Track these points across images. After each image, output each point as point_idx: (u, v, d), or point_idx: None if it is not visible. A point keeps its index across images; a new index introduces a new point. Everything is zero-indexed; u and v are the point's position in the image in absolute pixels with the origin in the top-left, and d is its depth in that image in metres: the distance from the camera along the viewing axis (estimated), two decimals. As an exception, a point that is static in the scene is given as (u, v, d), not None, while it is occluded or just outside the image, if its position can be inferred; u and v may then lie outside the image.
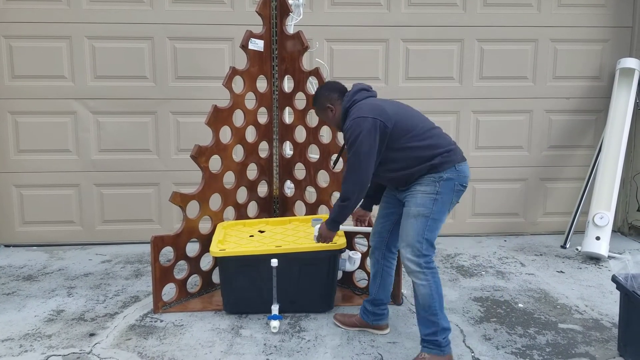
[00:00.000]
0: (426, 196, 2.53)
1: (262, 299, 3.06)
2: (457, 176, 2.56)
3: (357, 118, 2.52)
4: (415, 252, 2.54)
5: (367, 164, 2.50)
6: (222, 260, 3.03)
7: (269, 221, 3.58)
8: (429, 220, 2.52)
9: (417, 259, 2.54)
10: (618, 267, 2.78)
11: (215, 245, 3.07)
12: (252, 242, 3.20)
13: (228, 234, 3.35)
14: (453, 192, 2.58)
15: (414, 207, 2.55)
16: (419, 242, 2.53)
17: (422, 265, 2.54)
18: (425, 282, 2.55)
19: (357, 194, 2.58)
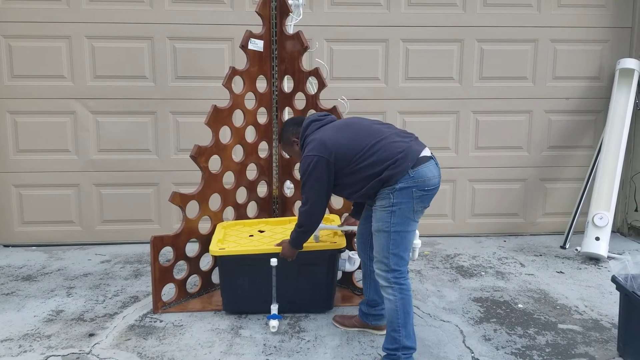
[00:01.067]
0: (383, 210, 2.49)
1: (261, 298, 3.05)
2: (414, 182, 2.45)
3: (305, 156, 2.60)
4: (383, 267, 2.52)
5: (316, 199, 2.61)
6: (222, 260, 3.03)
7: (268, 221, 3.58)
8: (391, 234, 2.48)
9: (385, 274, 2.51)
10: (618, 267, 2.78)
11: (215, 244, 3.08)
12: (252, 241, 3.20)
13: (228, 233, 3.35)
14: (413, 199, 2.47)
15: (374, 222, 2.55)
16: (386, 258, 2.50)
17: (390, 280, 2.51)
18: (392, 297, 2.51)
19: (311, 223, 2.74)
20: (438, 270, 4.05)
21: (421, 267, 4.10)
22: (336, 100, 3.72)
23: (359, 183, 2.54)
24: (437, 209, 4.90)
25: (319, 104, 3.46)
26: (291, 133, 2.88)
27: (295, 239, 2.86)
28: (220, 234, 3.27)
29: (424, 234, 4.84)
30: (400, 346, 2.51)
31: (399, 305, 2.50)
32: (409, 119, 4.80)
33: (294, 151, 2.91)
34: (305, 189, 2.61)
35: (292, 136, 2.87)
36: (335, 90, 4.12)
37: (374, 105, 4.74)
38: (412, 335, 2.53)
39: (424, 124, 4.79)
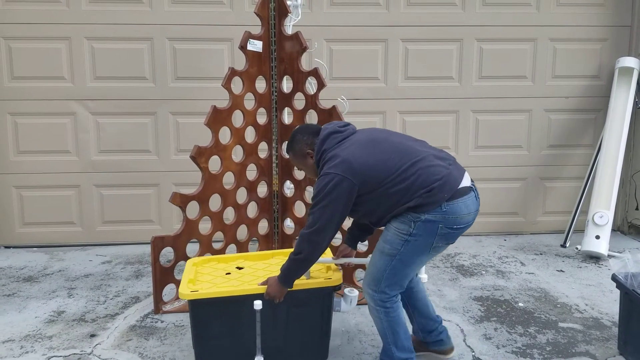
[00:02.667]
0: (397, 234, 2.26)
1: (243, 349, 2.53)
2: (443, 218, 2.20)
3: (325, 173, 2.25)
4: (372, 286, 2.36)
5: (326, 224, 2.24)
6: (194, 304, 2.48)
7: (247, 256, 3.05)
8: (394, 260, 2.28)
9: (373, 294, 2.37)
10: (618, 265, 2.78)
11: (185, 285, 2.53)
12: (230, 280, 2.67)
13: (200, 271, 2.81)
14: (435, 236, 2.24)
15: (382, 241, 2.33)
16: (378, 280, 2.34)
17: (376, 302, 2.37)
18: (378, 319, 2.41)
19: (313, 252, 2.31)
20: (438, 269, 4.05)
21: (421, 267, 4.10)
22: (336, 100, 3.73)
23: (381, 208, 2.27)
24: (437, 209, 4.91)
25: (319, 104, 3.46)
26: (305, 144, 2.46)
27: (287, 270, 2.38)
28: (191, 273, 2.73)
29: (424, 234, 4.86)
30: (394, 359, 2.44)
31: (386, 326, 2.40)
32: (408, 118, 4.80)
33: (307, 165, 2.49)
34: (316, 210, 2.25)
35: (305, 147, 2.45)
36: (334, 90, 4.13)
37: (373, 105, 4.74)
38: (405, 346, 2.44)
39: (424, 124, 4.80)
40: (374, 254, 2.40)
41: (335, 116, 3.38)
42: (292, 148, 2.53)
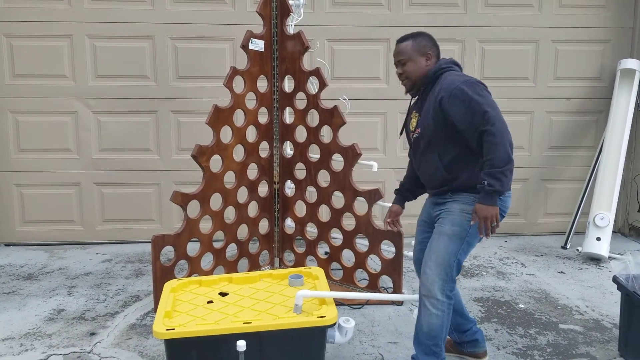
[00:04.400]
0: (463, 215, 2.27)
1: None
2: (501, 205, 2.26)
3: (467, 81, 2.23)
4: (443, 275, 2.29)
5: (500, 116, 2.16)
6: (170, 344, 2.22)
7: (232, 278, 2.74)
8: (464, 243, 2.29)
9: (443, 284, 2.30)
10: (619, 267, 2.78)
11: (161, 320, 2.24)
12: (211, 312, 2.39)
13: (179, 299, 2.52)
14: None
15: (448, 225, 2.31)
16: (450, 266, 2.29)
17: (444, 292, 2.30)
18: (440, 313, 2.31)
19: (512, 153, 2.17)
20: (439, 270, 4.04)
21: (422, 267, 4.10)
22: (337, 100, 3.73)
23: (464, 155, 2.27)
24: (438, 209, 4.91)
25: (320, 104, 3.46)
26: (429, 47, 2.40)
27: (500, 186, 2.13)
28: (168, 302, 2.42)
29: (424, 234, 4.86)
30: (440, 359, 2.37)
31: (445, 321, 2.32)
32: (410, 119, 4.80)
33: (416, 61, 2.38)
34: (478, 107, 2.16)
35: (429, 49, 2.39)
36: (336, 90, 4.13)
37: (375, 105, 4.74)
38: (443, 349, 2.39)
39: (425, 124, 4.79)
40: (439, 241, 2.32)
41: (337, 116, 3.38)
42: (415, 38, 2.40)
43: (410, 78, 2.42)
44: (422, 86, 2.42)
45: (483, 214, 2.17)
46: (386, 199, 3.97)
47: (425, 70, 2.39)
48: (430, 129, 2.33)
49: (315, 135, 3.56)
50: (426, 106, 2.37)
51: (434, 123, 2.31)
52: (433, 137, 2.34)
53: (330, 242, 3.61)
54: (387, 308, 3.29)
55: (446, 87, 2.26)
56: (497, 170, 2.13)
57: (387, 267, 3.39)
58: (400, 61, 2.42)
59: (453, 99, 2.22)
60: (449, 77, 2.31)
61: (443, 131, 2.30)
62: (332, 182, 3.52)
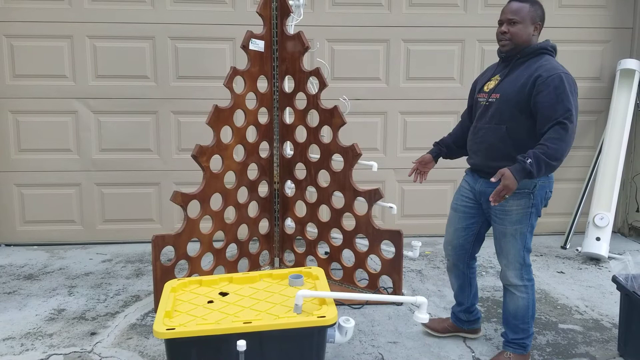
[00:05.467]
0: (522, 212, 2.42)
1: None
2: (549, 183, 2.46)
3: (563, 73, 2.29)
4: (518, 267, 2.50)
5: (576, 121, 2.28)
6: (171, 344, 2.24)
7: (233, 278, 2.75)
8: (528, 234, 2.47)
9: (521, 273, 2.50)
10: (618, 267, 2.79)
11: (161, 320, 2.26)
12: (212, 312, 2.40)
13: (178, 298, 2.54)
14: (544, 200, 2.47)
15: (510, 225, 2.45)
16: (522, 257, 2.49)
17: (524, 278, 2.51)
18: (525, 295, 2.52)
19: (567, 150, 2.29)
20: (439, 270, 4.05)
21: (422, 267, 4.10)
22: (337, 100, 3.73)
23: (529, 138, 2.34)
24: (438, 209, 4.91)
25: (320, 104, 3.47)
26: (541, 19, 2.43)
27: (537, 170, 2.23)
28: (168, 302, 2.44)
29: (424, 234, 4.87)
30: (529, 335, 2.59)
31: (531, 301, 2.53)
32: (409, 119, 4.80)
33: (527, 28, 2.40)
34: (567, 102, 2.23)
35: (540, 20, 2.42)
36: (336, 90, 4.13)
37: (375, 105, 4.75)
38: None
39: (425, 124, 4.80)
40: (505, 242, 2.49)
41: (337, 116, 3.38)
42: (533, 4, 2.42)
43: (513, 40, 2.43)
44: (519, 55, 2.44)
45: (506, 182, 2.22)
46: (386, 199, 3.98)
47: (528, 39, 2.41)
48: (510, 100, 2.37)
49: (315, 136, 3.56)
50: (515, 75, 2.40)
51: (518, 96, 2.35)
52: (510, 109, 2.37)
53: (330, 242, 3.62)
54: (387, 308, 3.29)
55: (547, 69, 2.30)
56: (546, 158, 2.22)
57: (387, 267, 3.40)
58: (511, 20, 2.43)
59: (549, 82, 2.27)
60: (552, 61, 2.36)
61: (522, 106, 2.34)
62: (332, 182, 3.53)
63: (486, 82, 2.55)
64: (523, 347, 2.59)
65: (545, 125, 2.27)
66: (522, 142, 2.36)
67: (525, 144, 2.35)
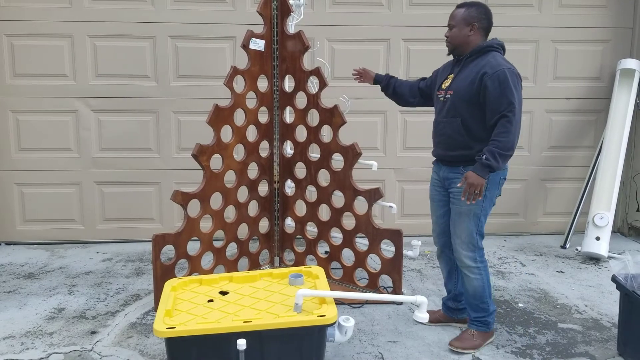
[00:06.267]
0: None
1: None
2: (502, 170, 2.63)
3: (507, 69, 2.51)
4: (471, 247, 2.70)
5: (519, 111, 2.50)
6: (171, 342, 2.24)
7: (233, 277, 2.76)
8: (481, 217, 2.66)
9: (473, 254, 2.70)
10: (618, 267, 2.79)
11: (161, 319, 2.26)
12: (212, 311, 2.40)
13: (179, 297, 2.54)
14: (498, 186, 2.67)
15: (465, 205, 2.63)
16: (474, 239, 2.68)
17: (476, 260, 2.71)
18: (479, 276, 2.73)
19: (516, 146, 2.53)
20: (439, 269, 4.03)
21: (422, 266, 4.11)
22: (337, 99, 3.73)
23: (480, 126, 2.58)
24: (437, 209, 4.92)
25: (320, 103, 3.47)
26: (477, 19, 2.65)
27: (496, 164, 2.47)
28: (168, 301, 2.44)
29: (424, 234, 4.87)
30: (488, 312, 2.78)
31: (485, 280, 2.74)
32: (409, 118, 4.80)
33: (461, 30, 2.66)
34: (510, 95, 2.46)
35: (475, 20, 2.64)
36: (336, 89, 4.13)
37: (375, 105, 4.74)
38: (492, 301, 2.83)
39: (425, 124, 4.74)
40: (459, 222, 2.70)
41: (337, 115, 3.39)
42: (468, 8, 2.67)
43: (452, 42, 2.72)
44: (468, 54, 2.67)
45: (471, 181, 2.51)
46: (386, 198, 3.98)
47: (465, 40, 2.66)
48: (462, 95, 2.61)
49: (315, 135, 3.57)
50: (466, 73, 2.64)
51: (468, 91, 2.59)
52: (462, 103, 2.61)
53: (330, 241, 3.62)
54: (386, 307, 3.30)
55: (492, 65, 2.53)
56: (499, 151, 2.47)
57: (386, 266, 3.40)
58: (449, 25, 2.73)
59: (495, 77, 2.50)
60: (497, 57, 2.59)
61: (472, 101, 2.58)
62: (332, 181, 3.53)
63: (443, 81, 2.79)
64: (485, 324, 2.78)
65: (493, 118, 2.52)
66: (475, 132, 2.61)
67: (477, 133, 2.60)
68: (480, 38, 2.67)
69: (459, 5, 2.72)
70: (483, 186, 2.52)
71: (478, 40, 2.66)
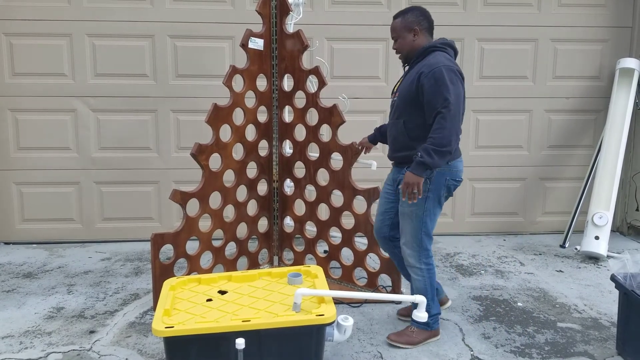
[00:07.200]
0: None
1: None
2: (449, 171, 2.65)
3: (443, 66, 2.51)
4: (415, 247, 2.71)
5: (456, 105, 2.47)
6: (169, 341, 2.23)
7: (232, 276, 2.76)
8: (424, 217, 2.66)
9: (417, 254, 2.72)
10: (617, 266, 2.79)
11: (160, 318, 2.26)
12: (210, 310, 2.41)
13: (177, 297, 2.54)
14: (443, 187, 2.66)
15: (407, 206, 2.67)
16: (420, 239, 2.70)
17: (421, 261, 2.72)
18: (422, 278, 2.75)
19: (454, 142, 2.49)
20: (438, 268, 4.05)
21: (421, 266, 4.10)
22: (336, 98, 3.73)
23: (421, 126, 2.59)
24: (437, 208, 4.92)
25: (319, 103, 3.47)
26: (416, 22, 2.69)
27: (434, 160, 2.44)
28: (167, 300, 2.44)
29: (423, 233, 4.87)
30: (430, 314, 2.74)
31: (428, 282, 2.74)
32: (409, 117, 4.80)
33: (405, 38, 2.70)
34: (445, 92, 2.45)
35: (415, 24, 2.68)
36: (335, 88, 4.13)
37: (374, 104, 4.74)
38: (437, 303, 2.82)
39: (424, 123, 4.80)
40: (404, 222, 2.72)
41: (336, 115, 3.38)
42: (404, 15, 2.72)
43: (402, 52, 2.76)
44: (414, 58, 2.71)
45: (407, 180, 2.53)
46: (385, 197, 3.96)
47: (412, 45, 2.70)
48: (404, 96, 2.66)
49: (314, 134, 3.56)
50: (409, 75, 2.68)
51: (409, 92, 2.62)
52: (404, 104, 2.66)
53: (330, 240, 3.62)
54: (386, 306, 3.30)
55: (430, 64, 2.55)
56: (434, 148, 2.46)
57: (386, 265, 3.40)
58: (393, 38, 2.77)
59: (431, 76, 2.51)
60: (438, 56, 2.59)
61: (413, 101, 2.61)
62: (331, 180, 3.53)
63: (395, 85, 2.87)
64: (426, 324, 2.77)
65: (431, 117, 2.53)
66: (415, 132, 2.64)
67: (418, 134, 2.61)
68: (425, 39, 2.72)
69: (394, 16, 2.77)
70: (420, 185, 2.50)
71: (424, 42, 2.71)
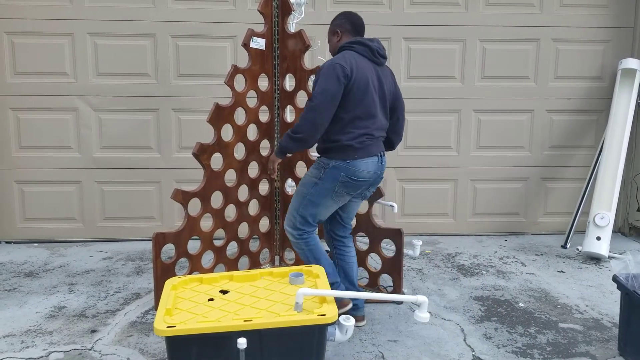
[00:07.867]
0: (310, 178, 2.82)
1: None
2: (346, 168, 2.72)
3: (333, 63, 2.65)
4: (290, 224, 2.89)
5: (322, 100, 2.61)
6: (171, 341, 2.22)
7: (233, 276, 2.75)
8: (305, 199, 2.81)
9: (292, 230, 2.88)
10: (619, 267, 2.78)
11: (162, 318, 2.26)
12: (212, 310, 2.40)
13: (179, 296, 2.54)
14: (337, 182, 2.74)
15: (299, 185, 2.89)
16: (294, 217, 2.86)
17: (295, 236, 2.87)
18: (301, 251, 2.90)
19: (309, 132, 2.66)
20: (439, 269, 4.05)
21: (422, 266, 4.11)
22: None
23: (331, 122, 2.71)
24: (438, 208, 4.92)
25: (321, 102, 3.46)
26: (338, 25, 2.92)
27: (286, 144, 2.78)
28: (169, 299, 2.45)
29: (424, 233, 4.88)
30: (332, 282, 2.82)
31: (309, 255, 2.88)
32: (410, 117, 4.79)
33: (331, 40, 2.95)
34: (315, 89, 2.66)
35: (337, 27, 2.92)
36: (337, 88, 4.12)
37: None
38: (329, 272, 2.80)
39: (426, 123, 4.80)
40: (293, 197, 2.90)
41: (338, 114, 3.38)
42: (332, 21, 2.97)
43: (331, 53, 2.97)
44: None
45: (269, 158, 3.00)
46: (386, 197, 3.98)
47: (336, 45, 2.91)
48: None
49: (316, 134, 3.55)
50: None
51: None
52: None
53: (331, 240, 3.61)
54: (387, 306, 3.30)
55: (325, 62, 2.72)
56: (289, 134, 2.72)
57: (387, 265, 3.40)
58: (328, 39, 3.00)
59: (318, 72, 2.71)
60: (341, 54, 2.74)
61: None
62: (332, 180, 3.52)
63: None
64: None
65: None
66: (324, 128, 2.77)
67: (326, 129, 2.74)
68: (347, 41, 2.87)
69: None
70: (275, 163, 2.96)
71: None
